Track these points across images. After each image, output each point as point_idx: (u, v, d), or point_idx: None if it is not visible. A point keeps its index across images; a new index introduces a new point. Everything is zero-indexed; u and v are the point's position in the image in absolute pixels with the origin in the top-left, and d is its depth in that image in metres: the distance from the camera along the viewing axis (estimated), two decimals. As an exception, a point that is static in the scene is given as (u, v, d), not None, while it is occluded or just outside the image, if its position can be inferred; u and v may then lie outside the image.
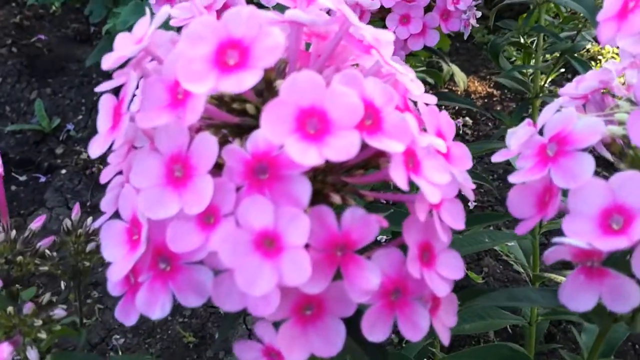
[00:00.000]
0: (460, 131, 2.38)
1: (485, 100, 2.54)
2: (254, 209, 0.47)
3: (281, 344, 0.50)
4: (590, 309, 0.50)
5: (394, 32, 1.15)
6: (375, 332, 0.52)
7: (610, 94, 0.69)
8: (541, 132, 0.56)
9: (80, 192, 2.10)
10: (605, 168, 0.64)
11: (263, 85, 0.55)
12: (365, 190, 0.58)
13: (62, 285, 0.69)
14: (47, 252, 0.65)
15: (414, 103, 0.61)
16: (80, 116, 2.47)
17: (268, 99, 0.54)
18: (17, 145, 2.34)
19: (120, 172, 0.57)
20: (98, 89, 0.53)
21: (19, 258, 0.63)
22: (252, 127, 0.53)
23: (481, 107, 2.02)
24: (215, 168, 0.51)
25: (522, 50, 1.53)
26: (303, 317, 0.51)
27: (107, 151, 0.55)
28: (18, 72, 2.62)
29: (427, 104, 0.60)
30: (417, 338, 0.53)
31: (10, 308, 0.62)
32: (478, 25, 1.26)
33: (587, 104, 0.70)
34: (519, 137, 0.56)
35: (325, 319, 0.51)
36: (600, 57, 2.41)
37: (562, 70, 1.46)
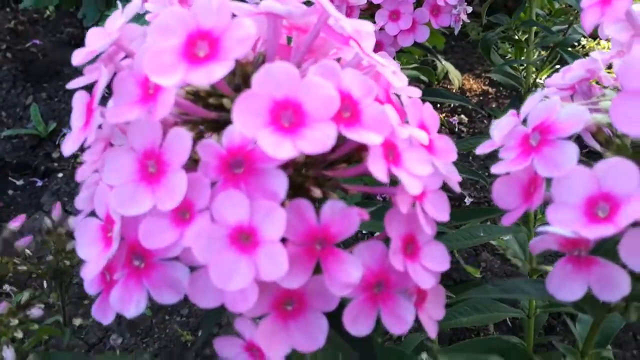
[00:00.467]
0: (456, 129, 2.37)
1: (481, 98, 2.53)
2: (228, 204, 0.46)
3: (261, 339, 0.49)
4: (578, 298, 0.49)
5: (383, 28, 1.15)
6: (358, 325, 0.51)
7: (599, 84, 0.68)
8: (526, 123, 0.55)
9: (76, 195, 2.09)
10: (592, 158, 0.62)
11: (240, 80, 0.54)
12: (348, 185, 0.57)
13: (45, 284, 0.68)
14: (27, 251, 0.64)
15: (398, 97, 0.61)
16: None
17: (245, 93, 0.53)
18: (14, 150, 2.34)
19: (97, 170, 0.56)
20: (69, 85, 0.52)
21: (-4, 258, 0.62)
22: (229, 122, 0.52)
23: (476, 105, 2.00)
24: (193, 164, 0.50)
25: (508, 44, 1.52)
26: (283, 312, 0.50)
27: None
28: (13, 78, 2.62)
29: (410, 97, 0.59)
30: (401, 331, 0.52)
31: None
32: (469, 21, 1.25)
33: (574, 95, 0.69)
34: (502, 128, 0.54)
35: (307, 314, 0.50)
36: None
37: (558, 67, 1.45)
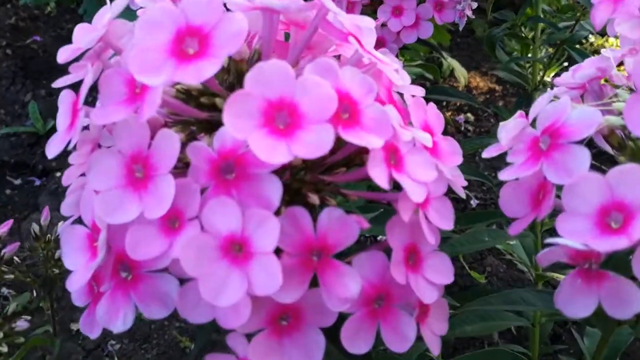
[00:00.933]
0: (462, 128, 2.34)
1: (487, 96, 2.50)
2: (219, 212, 0.43)
3: (254, 357, 0.46)
4: (588, 314, 0.46)
5: (386, 25, 1.12)
6: (357, 343, 0.48)
7: (610, 83, 0.65)
8: (534, 124, 0.52)
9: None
10: (606, 163, 0.59)
11: (234, 78, 0.52)
12: (352, 190, 0.54)
13: (34, 293, 0.65)
14: (16, 258, 0.62)
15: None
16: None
17: (239, 92, 0.51)
18: (12, 148, 2.31)
19: (84, 174, 0.54)
20: (55, 84, 0.49)
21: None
22: (222, 123, 0.49)
23: (483, 103, 1.97)
24: (185, 167, 0.47)
25: (515, 41, 1.49)
26: (278, 327, 0.47)
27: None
28: (13, 74, 2.59)
29: (413, 96, 0.56)
30: (402, 349, 0.49)
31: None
32: (474, 17, 1.22)
33: (585, 95, 0.66)
34: (510, 130, 0.52)
35: (303, 330, 0.47)
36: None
37: (566, 65, 1.42)
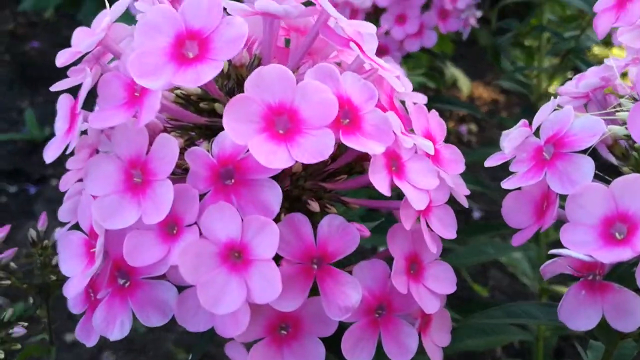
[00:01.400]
0: (465, 138, 2.33)
1: (491, 107, 2.49)
2: (218, 218, 0.43)
3: (253, 367, 0.46)
4: (592, 327, 0.45)
5: (389, 33, 1.11)
6: (358, 353, 0.47)
7: (614, 92, 0.64)
8: (538, 133, 0.52)
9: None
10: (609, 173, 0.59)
11: (234, 83, 0.51)
12: (353, 198, 0.53)
13: (31, 300, 0.64)
14: (12, 264, 0.61)
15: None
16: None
17: (239, 98, 0.50)
18: (8, 156, 2.29)
19: (81, 180, 0.53)
20: (53, 88, 0.49)
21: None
22: (221, 128, 0.49)
23: (486, 113, 1.97)
24: (184, 173, 0.47)
25: (521, 51, 1.49)
26: (278, 337, 0.46)
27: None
28: (10, 80, 2.59)
29: (415, 103, 0.56)
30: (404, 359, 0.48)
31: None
32: (478, 26, 1.22)
33: (588, 104, 0.65)
34: (513, 140, 0.51)
35: (303, 339, 0.47)
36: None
37: (571, 76, 1.41)
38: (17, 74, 2.61)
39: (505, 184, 0.49)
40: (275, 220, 0.43)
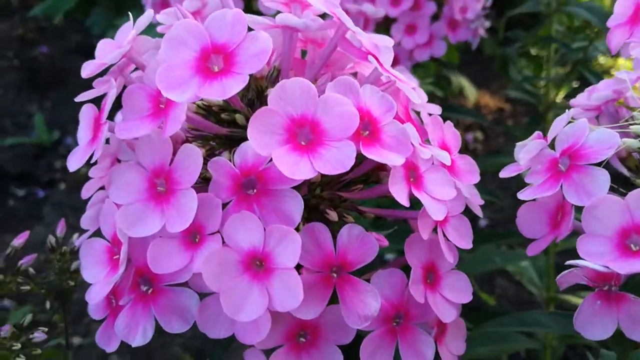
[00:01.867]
0: (471, 147, 2.33)
1: (497, 115, 2.50)
2: (241, 227, 0.44)
3: (272, 374, 0.46)
4: (608, 336, 0.46)
5: (399, 43, 1.12)
6: (376, 361, 0.48)
7: (625, 105, 0.65)
8: (552, 145, 0.52)
9: (79, 208, 2.05)
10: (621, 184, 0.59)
11: (254, 94, 0.52)
12: (364, 207, 0.54)
13: (47, 305, 0.65)
14: (31, 270, 0.62)
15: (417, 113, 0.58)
16: (81, 129, 2.44)
17: (259, 109, 0.51)
18: (16, 159, 2.30)
19: (103, 187, 0.54)
20: (78, 98, 0.49)
21: (0, 277, 0.60)
22: (242, 138, 0.50)
23: (492, 122, 1.97)
24: (204, 182, 0.47)
25: (530, 61, 1.49)
26: (297, 344, 0.47)
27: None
28: (19, 85, 2.60)
29: (430, 114, 0.57)
30: (420, 367, 0.49)
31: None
32: (487, 36, 1.22)
33: (600, 116, 0.66)
34: (529, 151, 0.52)
35: (321, 347, 0.47)
36: (613, 71, 2.36)
37: (576, 85, 1.41)
38: (26, 78, 2.62)
39: (521, 195, 0.50)
40: (294, 228, 0.44)
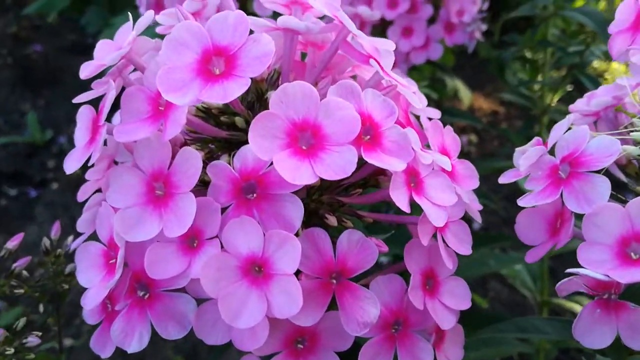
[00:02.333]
0: (465, 149, 2.33)
1: (491, 117, 2.50)
2: (240, 232, 0.43)
3: (270, 380, 0.46)
4: (607, 345, 0.46)
5: (396, 45, 1.12)
6: (374, 368, 0.48)
7: (624, 111, 0.65)
8: (552, 151, 0.52)
9: (72, 208, 2.05)
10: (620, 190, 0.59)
11: (254, 97, 0.52)
12: (363, 211, 0.54)
13: (41, 308, 0.64)
14: (25, 273, 0.61)
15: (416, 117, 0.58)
16: (74, 129, 2.42)
17: (259, 111, 0.50)
18: (9, 159, 2.29)
19: (100, 190, 0.53)
20: (76, 100, 0.49)
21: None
22: (241, 142, 0.49)
23: (486, 124, 1.98)
24: (201, 185, 0.47)
25: (527, 65, 1.49)
26: (294, 351, 0.46)
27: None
28: (12, 83, 2.59)
29: (430, 119, 0.56)
30: (418, 374, 0.49)
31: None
32: (483, 39, 1.22)
33: (598, 121, 0.66)
34: (529, 157, 0.51)
35: (319, 353, 0.47)
36: (607, 75, 2.37)
37: (570, 89, 1.42)
38: (20, 77, 2.60)
39: (521, 202, 0.49)
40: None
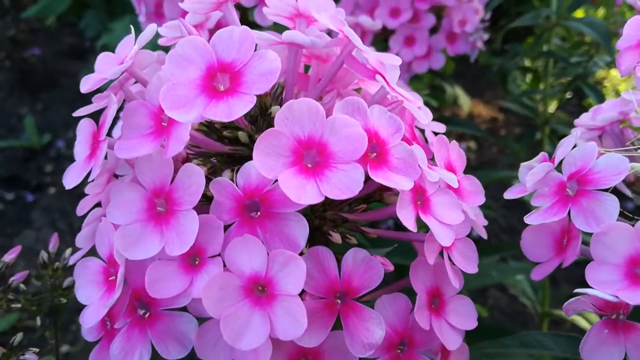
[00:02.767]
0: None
1: (489, 125, 2.49)
2: (244, 251, 0.42)
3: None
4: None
5: (398, 55, 1.11)
6: (379, 389, 0.47)
7: (630, 126, 0.64)
8: (558, 167, 0.51)
9: (68, 212, 2.03)
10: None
11: (257, 111, 0.51)
12: (367, 228, 0.53)
13: (38, 321, 0.63)
14: (22, 286, 0.60)
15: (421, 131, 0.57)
16: (72, 133, 2.42)
17: (262, 126, 0.50)
18: (6, 162, 2.28)
19: (99, 204, 0.52)
20: (76, 113, 0.48)
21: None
22: (244, 157, 0.48)
23: (485, 132, 1.97)
24: (204, 200, 0.46)
25: (527, 74, 1.49)
26: (297, 371, 0.46)
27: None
28: (10, 87, 2.58)
29: (436, 133, 0.56)
30: (424, 395, 0.48)
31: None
32: (485, 49, 1.22)
33: (603, 135, 0.65)
34: (536, 174, 0.51)
35: (323, 375, 0.46)
36: (606, 82, 2.37)
37: (569, 96, 1.41)
38: (17, 80, 2.59)
39: (529, 219, 0.49)
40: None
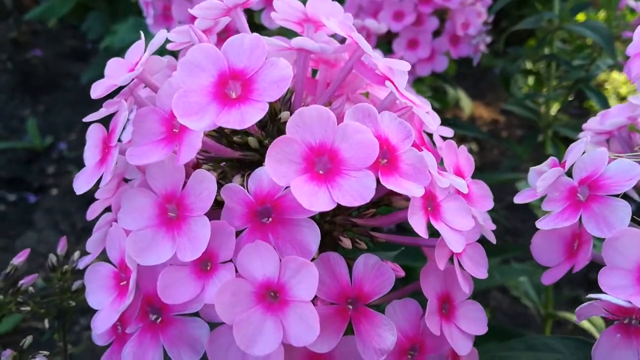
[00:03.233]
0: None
1: (491, 126, 2.50)
2: (256, 257, 0.42)
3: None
4: (627, 371, 0.45)
5: (401, 57, 1.11)
6: (390, 395, 0.47)
7: (637, 130, 0.65)
8: (569, 172, 0.52)
9: (71, 214, 2.04)
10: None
11: (267, 117, 0.51)
12: (374, 232, 0.53)
13: (46, 323, 0.63)
14: (30, 289, 0.60)
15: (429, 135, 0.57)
16: (74, 135, 2.42)
17: (272, 132, 0.50)
18: (8, 164, 2.28)
19: (109, 209, 0.52)
20: (86, 119, 0.48)
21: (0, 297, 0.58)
22: (254, 162, 0.48)
23: (487, 134, 1.97)
24: (214, 205, 0.46)
25: (530, 77, 1.49)
26: (309, 377, 0.46)
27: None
28: (12, 89, 2.58)
29: (444, 138, 0.56)
30: (435, 400, 0.48)
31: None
32: (487, 52, 1.22)
33: (611, 139, 0.65)
34: (546, 179, 0.51)
35: (334, 380, 0.46)
36: (607, 85, 2.37)
37: (571, 98, 1.42)
38: (19, 82, 2.59)
39: (540, 224, 0.49)
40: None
